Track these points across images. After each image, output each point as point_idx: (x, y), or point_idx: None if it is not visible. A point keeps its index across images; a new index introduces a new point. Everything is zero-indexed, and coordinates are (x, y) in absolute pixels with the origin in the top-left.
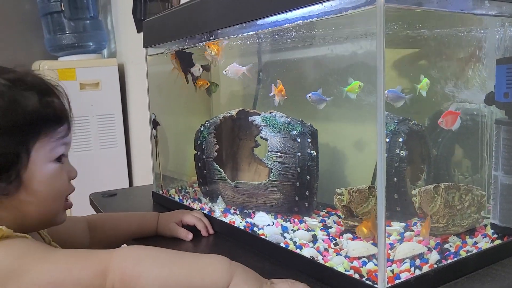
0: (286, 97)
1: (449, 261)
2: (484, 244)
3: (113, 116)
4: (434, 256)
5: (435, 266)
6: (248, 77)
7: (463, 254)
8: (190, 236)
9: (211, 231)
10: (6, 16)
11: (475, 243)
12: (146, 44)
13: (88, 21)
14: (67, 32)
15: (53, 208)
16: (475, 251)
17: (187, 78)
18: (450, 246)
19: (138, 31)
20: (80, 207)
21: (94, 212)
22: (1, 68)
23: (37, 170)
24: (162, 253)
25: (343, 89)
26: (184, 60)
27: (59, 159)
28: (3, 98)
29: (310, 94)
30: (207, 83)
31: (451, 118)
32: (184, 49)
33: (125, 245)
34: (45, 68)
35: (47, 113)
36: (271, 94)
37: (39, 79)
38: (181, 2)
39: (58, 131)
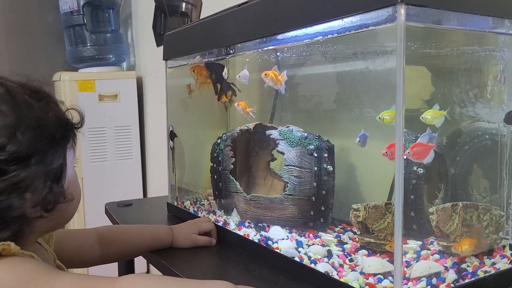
0: (252, 114)
1: (466, 280)
2: (503, 265)
3: (130, 128)
4: (451, 276)
5: (452, 285)
6: (265, 91)
7: (480, 274)
8: (214, 241)
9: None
10: (31, 28)
11: (493, 263)
12: (166, 57)
13: (109, 34)
14: (88, 45)
15: (76, 209)
16: (493, 271)
17: (216, 89)
18: (468, 266)
19: (158, 45)
20: (96, 216)
21: (109, 221)
22: (16, 82)
23: (69, 176)
24: (167, 281)
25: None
26: (215, 72)
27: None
28: (50, 112)
29: (358, 139)
30: (229, 101)
31: (420, 150)
32: (216, 60)
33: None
34: (66, 79)
35: (71, 123)
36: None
37: (49, 91)
38: (201, 17)
39: (75, 140)
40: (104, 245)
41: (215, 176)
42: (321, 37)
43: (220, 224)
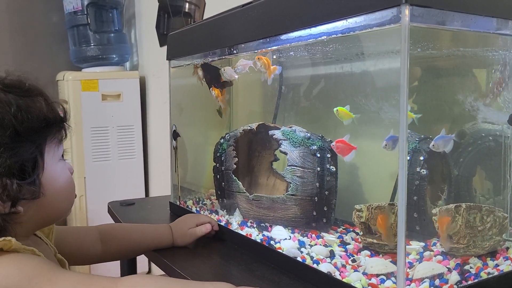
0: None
1: (469, 282)
2: (506, 267)
3: (133, 128)
4: (454, 277)
5: (455, 287)
6: (268, 91)
7: (484, 276)
8: (209, 226)
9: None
10: (35, 28)
11: (497, 265)
12: (169, 57)
13: (112, 34)
14: (92, 44)
15: (70, 202)
16: (496, 273)
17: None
18: (471, 267)
19: (161, 45)
20: (98, 215)
21: (112, 220)
22: None
23: (51, 171)
24: (168, 282)
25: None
26: (210, 73)
27: (62, 156)
28: (15, 105)
29: (385, 142)
30: (221, 96)
31: (342, 147)
32: (211, 62)
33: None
34: (69, 79)
35: (53, 116)
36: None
37: (35, 85)
38: (204, 17)
39: (61, 132)
40: (105, 242)
41: (218, 176)
42: (325, 37)
43: (222, 223)
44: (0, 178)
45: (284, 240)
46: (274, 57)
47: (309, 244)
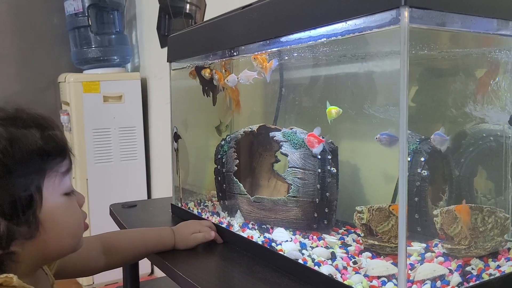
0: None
1: (471, 283)
2: (508, 267)
3: (134, 129)
4: (455, 278)
5: None
6: (269, 93)
7: (485, 277)
8: (213, 233)
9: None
10: (36, 30)
11: (498, 266)
12: (170, 59)
13: (113, 36)
14: (93, 46)
15: (77, 238)
16: (498, 274)
17: (204, 92)
18: (472, 268)
19: (162, 47)
20: (100, 217)
21: (114, 223)
22: None
23: (51, 207)
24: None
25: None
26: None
27: (69, 188)
28: (3, 140)
29: (378, 136)
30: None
31: (312, 140)
32: (205, 65)
33: None
34: (71, 81)
35: (51, 148)
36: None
37: (34, 114)
38: (205, 19)
39: (63, 164)
40: (109, 254)
41: (219, 178)
42: (325, 39)
43: (224, 225)
44: None
45: (286, 242)
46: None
47: (310, 246)
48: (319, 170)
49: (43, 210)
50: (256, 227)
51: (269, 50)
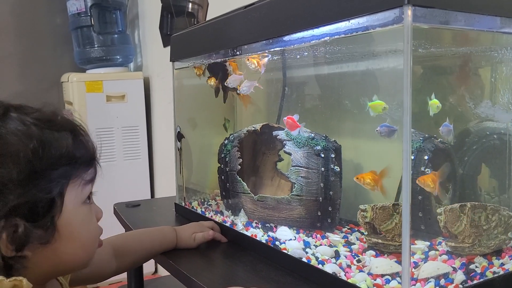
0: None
1: (475, 281)
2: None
3: (137, 128)
4: (459, 276)
5: (461, 286)
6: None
7: (489, 275)
8: (211, 232)
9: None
10: (39, 30)
11: (502, 264)
12: (173, 58)
13: (116, 35)
14: (95, 46)
15: (90, 253)
16: (502, 272)
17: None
18: (476, 267)
19: (165, 46)
20: (104, 217)
21: (118, 222)
22: (28, 107)
23: (71, 214)
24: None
25: (366, 102)
26: (218, 73)
27: (88, 198)
28: (35, 140)
29: (378, 128)
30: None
31: (290, 123)
32: (218, 62)
33: None
34: (74, 80)
35: (80, 154)
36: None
37: (69, 119)
38: (207, 18)
39: (89, 172)
40: (120, 258)
41: (223, 177)
42: (327, 38)
43: (227, 224)
44: (6, 218)
45: (289, 240)
46: (278, 58)
47: (314, 245)
48: (323, 169)
49: (62, 216)
50: (259, 226)
51: (272, 49)
